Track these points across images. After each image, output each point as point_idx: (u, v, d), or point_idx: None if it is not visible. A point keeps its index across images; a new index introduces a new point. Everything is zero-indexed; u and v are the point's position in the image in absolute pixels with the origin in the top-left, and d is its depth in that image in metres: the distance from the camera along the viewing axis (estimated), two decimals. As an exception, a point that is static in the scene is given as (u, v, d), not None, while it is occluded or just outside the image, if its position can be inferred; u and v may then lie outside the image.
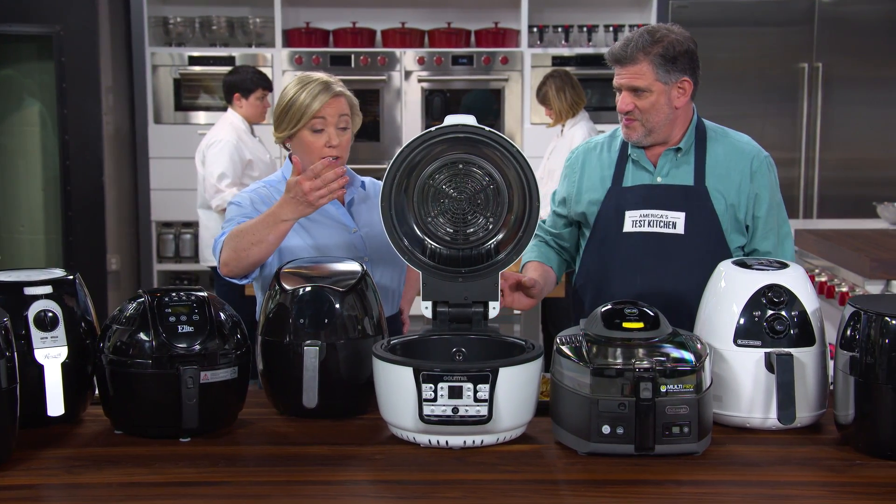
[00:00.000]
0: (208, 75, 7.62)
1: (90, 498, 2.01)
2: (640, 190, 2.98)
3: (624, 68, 2.91)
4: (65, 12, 7.28)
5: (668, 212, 2.94)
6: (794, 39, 7.55)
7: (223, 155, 5.64)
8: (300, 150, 2.95)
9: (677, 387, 2.18)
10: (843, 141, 7.58)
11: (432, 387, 2.20)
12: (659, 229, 2.93)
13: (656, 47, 2.88)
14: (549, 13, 7.79)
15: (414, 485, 2.07)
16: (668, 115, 2.92)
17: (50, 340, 2.33)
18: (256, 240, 2.71)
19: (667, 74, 2.88)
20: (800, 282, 2.41)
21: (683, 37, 2.92)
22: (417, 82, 7.59)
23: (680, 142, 2.97)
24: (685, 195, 2.94)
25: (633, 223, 2.96)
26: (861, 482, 2.08)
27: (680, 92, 2.91)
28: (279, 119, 2.96)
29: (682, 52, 2.89)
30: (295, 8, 7.81)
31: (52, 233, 7.54)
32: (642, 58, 2.88)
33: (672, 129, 2.95)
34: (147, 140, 7.59)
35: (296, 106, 2.91)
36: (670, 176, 2.97)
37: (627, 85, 2.91)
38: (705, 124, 3.03)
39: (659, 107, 2.90)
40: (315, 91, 2.90)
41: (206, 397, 2.29)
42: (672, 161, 2.97)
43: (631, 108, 2.91)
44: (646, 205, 2.96)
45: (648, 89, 2.89)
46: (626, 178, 3.01)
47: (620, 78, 2.93)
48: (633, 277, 2.94)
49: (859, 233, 5.10)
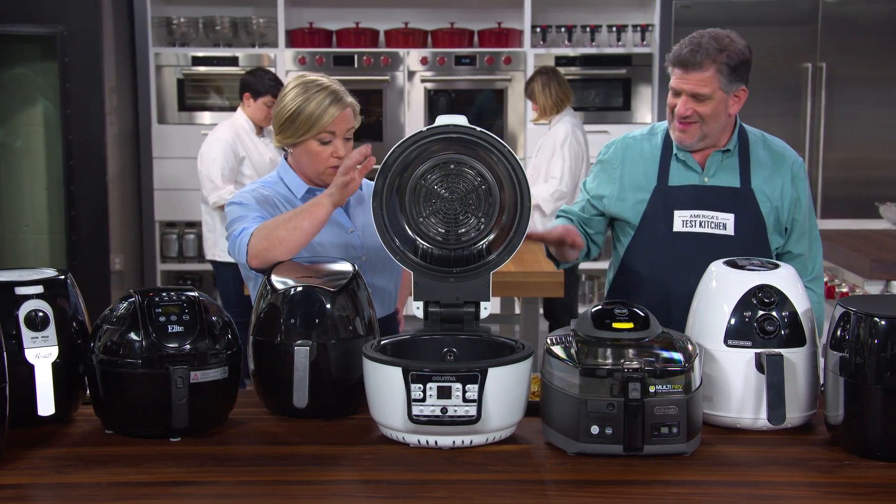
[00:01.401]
0: (212, 75, 7.63)
1: (77, 497, 2.01)
2: (688, 190, 3.00)
3: (689, 73, 2.91)
4: (68, 12, 7.29)
5: (718, 213, 2.97)
6: (797, 39, 7.55)
7: (216, 150, 5.70)
8: (305, 156, 2.95)
9: (666, 387, 2.17)
10: (847, 141, 7.57)
11: (421, 387, 2.20)
12: (710, 230, 2.96)
13: (722, 55, 2.89)
14: (552, 13, 7.79)
15: (401, 485, 2.08)
16: (724, 123, 2.96)
17: (40, 340, 2.34)
18: (292, 227, 2.70)
19: (729, 84, 2.90)
20: (791, 282, 2.41)
21: (743, 45, 2.94)
22: (420, 82, 7.59)
23: (727, 144, 3.00)
24: (733, 197, 2.98)
25: (682, 223, 2.97)
26: (849, 482, 2.08)
27: (735, 100, 2.95)
28: (283, 126, 2.94)
29: (742, 61, 2.92)
30: (298, 8, 7.82)
31: (55, 232, 7.56)
32: (709, 65, 2.88)
33: (723, 134, 2.99)
34: (150, 140, 7.61)
35: (303, 116, 2.89)
36: (717, 177, 3.00)
37: (692, 91, 2.91)
38: (744, 128, 3.06)
39: (718, 114, 2.92)
40: (325, 103, 2.89)
41: (196, 397, 2.29)
42: (719, 163, 3.00)
43: (690, 114, 2.92)
44: (695, 205, 2.98)
45: (711, 97, 2.90)
46: (672, 177, 3.02)
47: (684, 83, 2.92)
48: (688, 277, 2.91)
49: (860, 233, 5.09)
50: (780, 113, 7.54)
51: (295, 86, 2.95)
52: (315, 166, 2.92)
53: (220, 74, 7.61)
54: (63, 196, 7.43)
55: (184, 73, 7.60)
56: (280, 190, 2.98)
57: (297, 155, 2.96)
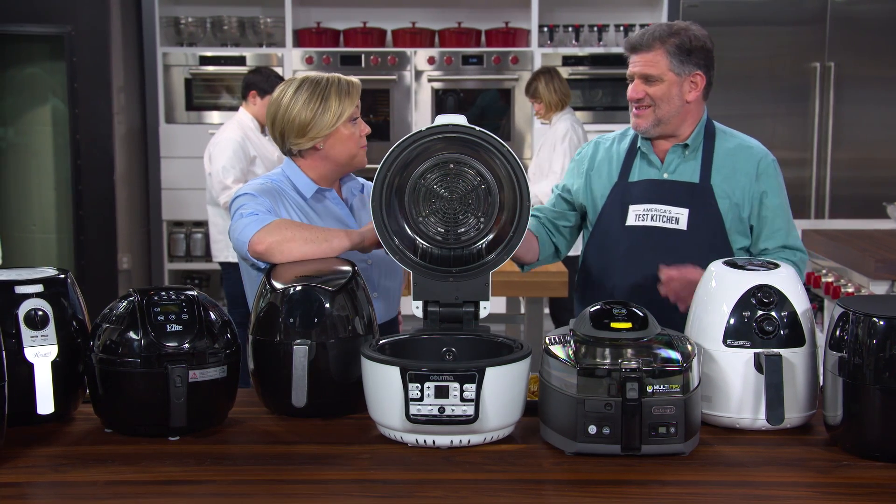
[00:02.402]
0: (219, 75, 7.65)
1: (74, 496, 2.01)
2: (645, 184, 3.00)
3: (639, 55, 2.96)
4: (76, 12, 7.31)
5: (672, 207, 2.96)
6: (805, 39, 7.52)
7: (227, 151, 5.67)
8: (337, 145, 2.92)
9: (664, 387, 2.17)
10: (855, 141, 7.54)
11: (419, 386, 2.20)
12: (661, 224, 2.95)
13: (673, 38, 2.93)
14: (559, 13, 7.78)
15: (397, 484, 2.08)
16: (678, 108, 2.95)
17: (40, 339, 2.34)
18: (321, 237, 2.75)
19: (681, 66, 2.92)
20: (790, 282, 2.40)
21: (701, 34, 2.97)
22: (428, 82, 7.59)
23: (688, 138, 2.98)
24: (690, 192, 2.96)
25: (636, 217, 2.98)
26: (846, 483, 2.07)
27: (692, 86, 2.95)
28: (304, 129, 2.89)
29: (698, 46, 2.93)
30: (306, 8, 7.83)
31: (63, 232, 7.58)
32: (658, 46, 2.93)
33: (681, 123, 2.98)
34: (158, 139, 7.63)
35: (331, 112, 2.88)
36: (677, 172, 2.99)
37: (640, 72, 2.95)
38: (715, 125, 3.06)
39: (670, 97, 2.93)
40: (341, 92, 2.90)
41: (195, 396, 2.30)
42: (679, 157, 3.00)
43: (642, 96, 2.95)
44: (650, 199, 2.98)
45: (661, 78, 2.93)
46: (633, 173, 3.04)
47: (634, 65, 2.97)
48: (633, 271, 2.96)
49: (866, 233, 5.07)
50: (788, 112, 7.52)
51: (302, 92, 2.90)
52: (350, 149, 2.93)
53: (227, 74, 7.62)
54: (71, 195, 7.46)
55: (192, 73, 7.62)
56: (287, 189, 2.97)
57: (328, 146, 2.92)
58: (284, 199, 2.93)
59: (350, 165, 2.98)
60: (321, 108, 2.88)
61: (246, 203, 2.85)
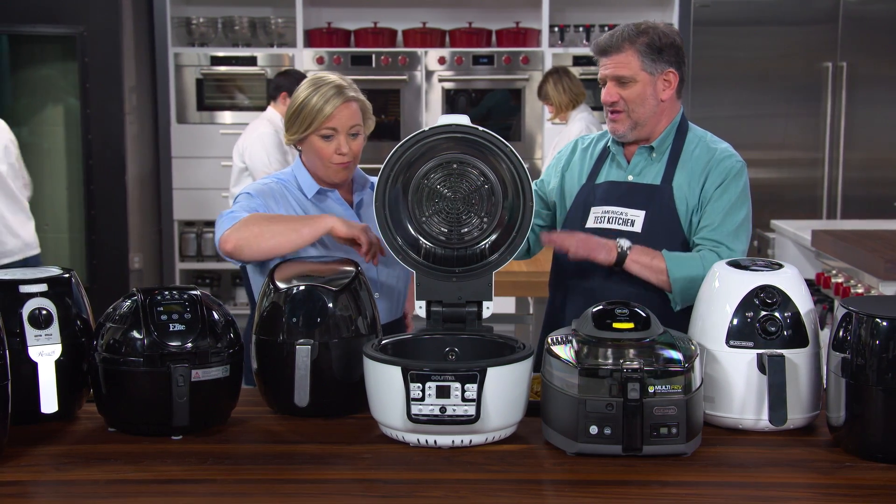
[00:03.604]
0: (231, 75, 7.67)
1: (75, 495, 2.02)
2: (607, 186, 2.98)
3: (609, 58, 2.92)
4: (88, 13, 7.34)
5: (629, 209, 2.92)
6: (817, 38, 7.50)
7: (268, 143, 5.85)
8: (311, 154, 2.95)
9: (665, 387, 2.16)
10: (868, 141, 7.51)
11: (420, 386, 2.20)
12: (617, 226, 2.91)
13: (642, 37, 2.89)
14: (570, 13, 7.77)
15: (397, 484, 2.08)
16: (653, 108, 2.91)
17: (44, 338, 2.35)
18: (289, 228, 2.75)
19: (652, 64, 2.88)
20: (793, 283, 2.39)
21: (670, 30, 2.94)
22: (438, 82, 7.59)
23: (656, 138, 2.95)
24: (650, 194, 2.92)
25: (595, 219, 2.95)
26: (847, 484, 2.07)
27: (665, 84, 2.91)
28: (291, 120, 2.95)
29: (668, 44, 2.90)
30: (316, 8, 7.84)
31: (75, 231, 7.61)
32: (628, 46, 2.89)
33: (657, 124, 2.94)
34: (170, 139, 7.65)
35: (307, 109, 2.90)
36: (642, 174, 2.96)
37: (612, 75, 2.91)
38: (689, 125, 3.01)
39: (644, 98, 2.90)
40: (328, 94, 2.89)
41: (198, 395, 2.30)
42: (646, 159, 2.96)
43: (616, 99, 2.90)
44: (610, 201, 2.95)
45: (634, 79, 2.88)
46: (601, 174, 3.01)
47: (605, 68, 2.93)
48: (590, 273, 2.91)
49: (877, 234, 5.05)
50: (799, 113, 7.49)
51: (305, 82, 2.97)
52: (321, 161, 2.93)
53: (239, 74, 7.64)
54: (83, 195, 7.49)
55: (203, 73, 7.64)
56: (291, 188, 2.99)
57: (306, 153, 2.98)
58: (287, 197, 2.95)
59: (325, 177, 2.97)
60: (303, 105, 2.91)
61: (237, 202, 2.90)
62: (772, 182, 7.44)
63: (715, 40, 7.51)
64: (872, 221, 6.16)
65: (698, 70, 7.43)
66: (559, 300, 3.07)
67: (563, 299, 3.04)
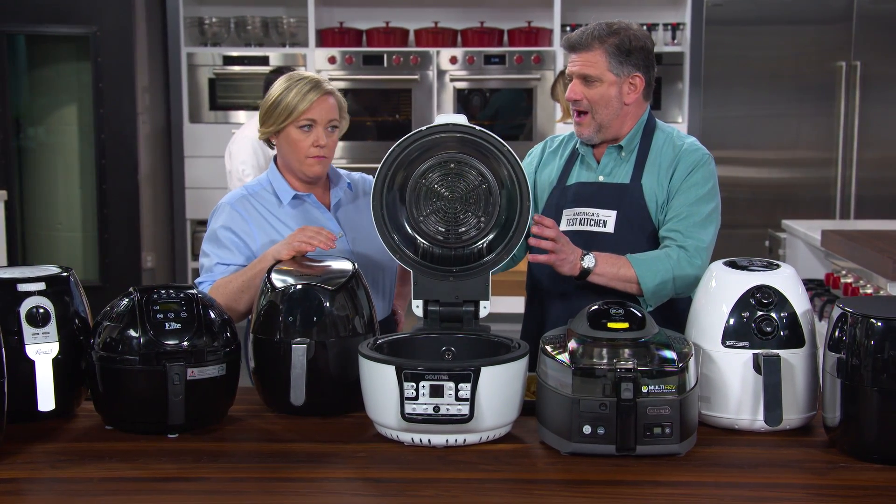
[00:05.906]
0: (243, 75, 7.68)
1: (69, 493, 2.03)
2: (578, 187, 2.97)
3: (578, 55, 2.91)
4: (101, 13, 7.38)
5: (600, 210, 2.91)
6: (831, 38, 7.46)
7: (246, 147, 5.74)
8: (286, 147, 2.94)
9: (659, 387, 2.16)
10: (882, 140, 7.47)
11: (414, 385, 2.21)
12: (589, 227, 2.90)
13: (613, 38, 2.88)
14: (582, 12, 7.76)
15: (390, 483, 2.08)
16: (617, 110, 2.90)
17: (41, 336, 2.37)
18: (247, 286, 2.76)
19: (619, 66, 2.87)
20: (790, 283, 2.38)
21: (642, 34, 2.93)
22: (450, 81, 7.59)
23: (623, 139, 2.94)
24: (620, 193, 2.91)
25: (567, 221, 2.94)
26: (841, 485, 2.06)
27: (631, 88, 2.90)
28: (266, 116, 2.95)
29: (637, 46, 2.88)
30: (329, 8, 7.85)
31: (88, 230, 7.65)
32: (597, 46, 2.88)
33: (622, 126, 2.93)
34: (182, 139, 7.67)
35: (283, 104, 2.89)
36: (612, 174, 2.95)
37: (579, 72, 2.90)
38: (656, 123, 3.00)
39: (608, 99, 2.88)
40: (304, 90, 2.89)
41: (194, 394, 2.31)
42: (615, 159, 2.96)
43: (580, 98, 2.89)
44: (582, 203, 2.94)
45: (599, 79, 2.87)
46: (572, 175, 3.00)
47: (573, 65, 2.92)
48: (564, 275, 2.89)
49: (886, 234, 5.02)
50: (813, 112, 7.46)
51: (280, 80, 2.97)
52: (296, 154, 2.92)
53: (251, 74, 7.65)
54: (95, 194, 7.52)
55: (216, 73, 7.66)
56: (266, 196, 2.98)
57: (280, 146, 2.96)
58: (258, 205, 2.95)
59: (300, 171, 2.96)
60: (280, 98, 2.91)
61: (204, 255, 3.02)
62: (784, 182, 7.42)
63: (728, 39, 7.48)
64: (886, 222, 6.13)
65: (711, 69, 7.41)
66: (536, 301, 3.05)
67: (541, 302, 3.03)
